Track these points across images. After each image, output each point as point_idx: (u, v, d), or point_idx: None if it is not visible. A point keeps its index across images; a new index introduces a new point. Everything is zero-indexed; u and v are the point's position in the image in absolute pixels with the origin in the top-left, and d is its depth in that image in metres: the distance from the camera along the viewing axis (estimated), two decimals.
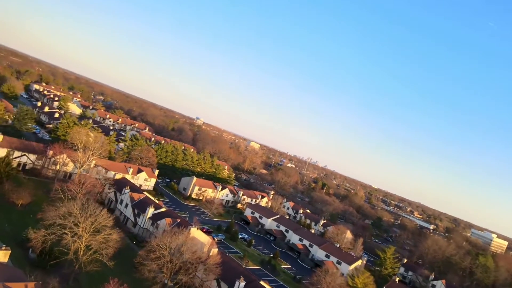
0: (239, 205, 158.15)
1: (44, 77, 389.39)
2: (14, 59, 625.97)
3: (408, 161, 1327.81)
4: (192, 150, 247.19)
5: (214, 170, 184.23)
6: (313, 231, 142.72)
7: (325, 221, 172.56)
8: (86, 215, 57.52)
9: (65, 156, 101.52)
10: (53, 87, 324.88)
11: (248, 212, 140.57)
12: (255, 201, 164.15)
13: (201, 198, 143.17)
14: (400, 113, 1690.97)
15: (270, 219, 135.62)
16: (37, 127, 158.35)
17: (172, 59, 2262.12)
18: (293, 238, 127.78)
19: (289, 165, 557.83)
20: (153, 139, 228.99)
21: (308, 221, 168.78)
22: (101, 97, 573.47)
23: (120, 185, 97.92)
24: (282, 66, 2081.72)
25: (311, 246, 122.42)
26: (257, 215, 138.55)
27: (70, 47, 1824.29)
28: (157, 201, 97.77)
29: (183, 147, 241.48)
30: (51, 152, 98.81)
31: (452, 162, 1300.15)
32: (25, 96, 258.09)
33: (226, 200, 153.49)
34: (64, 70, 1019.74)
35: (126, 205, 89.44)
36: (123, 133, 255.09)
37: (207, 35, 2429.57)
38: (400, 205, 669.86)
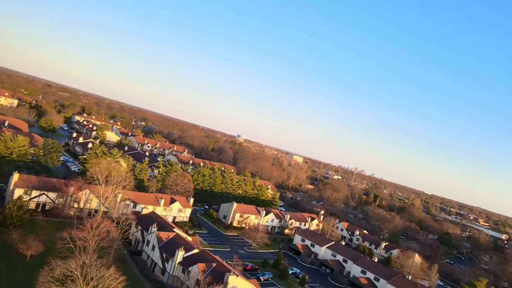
0: (286, 231, 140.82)
1: (87, 108, 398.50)
2: (63, 94, 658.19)
3: (461, 161, 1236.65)
4: (232, 170, 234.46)
5: (257, 192, 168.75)
6: (375, 259, 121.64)
7: (386, 243, 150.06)
8: (87, 278, 43.76)
9: (87, 191, 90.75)
10: (93, 117, 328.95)
11: (297, 240, 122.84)
12: (304, 224, 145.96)
13: (243, 226, 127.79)
14: (456, 113, 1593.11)
15: (324, 247, 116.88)
16: (70, 159, 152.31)
17: (213, 80, 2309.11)
18: (354, 269, 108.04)
19: (335, 177, 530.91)
20: (191, 161, 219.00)
21: (367, 245, 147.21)
22: (143, 123, 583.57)
23: (147, 221, 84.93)
24: (312, 79, 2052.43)
25: (376, 279, 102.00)
26: (308, 242, 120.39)
27: (116, 79, 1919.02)
28: (190, 238, 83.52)
29: (223, 168, 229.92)
30: (71, 189, 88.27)
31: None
32: (66, 128, 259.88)
33: (272, 226, 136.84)
34: (110, 101, 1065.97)
35: (153, 247, 75.77)
36: (162, 157, 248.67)
37: (238, 52, 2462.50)
38: (462, 212, 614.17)
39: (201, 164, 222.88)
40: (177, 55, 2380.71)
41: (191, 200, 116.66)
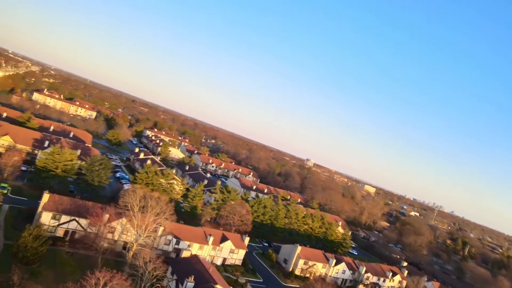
0: (360, 286, 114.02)
1: (159, 123, 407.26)
2: (143, 109, 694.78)
3: None
4: (298, 200, 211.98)
5: (325, 230, 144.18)
6: None
7: None
8: None
9: (124, 221, 76.13)
10: (163, 133, 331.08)
11: None
12: (384, 281, 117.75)
13: (307, 275, 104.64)
14: None
15: None
16: (127, 176, 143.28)
17: (286, 101, 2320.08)
18: None
19: (412, 213, 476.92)
20: (254, 186, 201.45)
21: None
22: (213, 141, 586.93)
23: (185, 269, 67.00)
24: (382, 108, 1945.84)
25: None
26: None
27: (191, 96, 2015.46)
28: None
29: (288, 197, 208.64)
30: (106, 216, 74.20)
31: None
32: (134, 142, 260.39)
33: (343, 279, 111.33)
34: (186, 117, 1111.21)
35: None
36: (224, 179, 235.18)
37: (314, 78, 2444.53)
38: None
39: (265, 190, 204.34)
40: (255, 79, 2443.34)
41: (247, 240, 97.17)
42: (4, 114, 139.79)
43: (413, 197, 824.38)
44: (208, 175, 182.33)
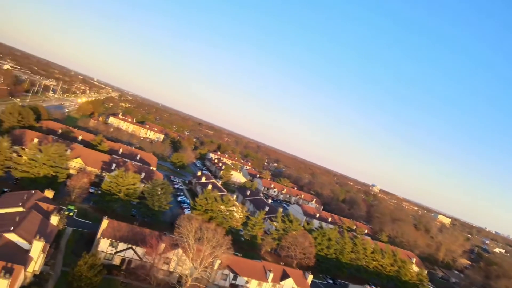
0: None
1: (223, 146, 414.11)
2: (209, 132, 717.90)
3: None
4: (365, 231, 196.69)
5: (397, 269, 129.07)
6: None
7: None
8: None
9: (180, 252, 72.45)
10: (226, 156, 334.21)
11: None
12: None
13: None
14: None
15: None
16: (188, 200, 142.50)
17: (347, 124, 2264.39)
18: None
19: (497, 250, 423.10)
20: (317, 214, 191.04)
21: None
22: (275, 164, 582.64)
23: None
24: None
25: None
26: None
27: (257, 119, 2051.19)
28: None
29: (354, 227, 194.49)
30: (162, 246, 71.15)
31: None
32: (198, 165, 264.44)
33: None
34: (249, 140, 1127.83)
35: None
36: (286, 205, 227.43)
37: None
38: None
39: (329, 218, 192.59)
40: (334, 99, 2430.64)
41: (310, 278, 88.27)
42: (80, 137, 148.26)
43: (495, 230, 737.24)
44: (270, 201, 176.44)
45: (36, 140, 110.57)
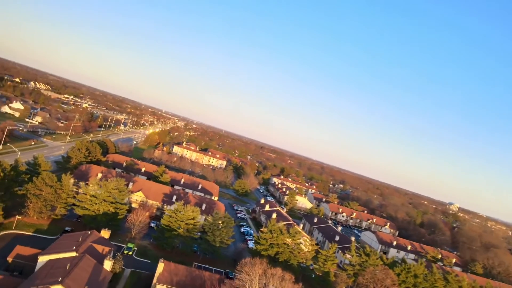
0: None
1: (286, 169, 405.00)
2: (271, 155, 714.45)
3: None
4: (453, 260, 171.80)
5: None
6: None
7: None
8: None
9: None
10: (290, 180, 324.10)
11: None
12: None
13: None
14: None
15: None
16: (252, 231, 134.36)
17: (417, 139, 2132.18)
18: None
19: None
20: (395, 242, 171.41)
21: None
22: (341, 185, 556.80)
23: None
24: None
25: None
26: None
27: (316, 139, 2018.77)
28: None
29: (439, 256, 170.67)
30: None
31: None
32: (261, 191, 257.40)
33: None
34: (312, 161, 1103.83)
35: None
36: (358, 232, 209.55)
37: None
38: None
39: (408, 247, 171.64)
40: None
41: None
42: (143, 169, 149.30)
43: None
44: (339, 228, 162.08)
45: (99, 175, 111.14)
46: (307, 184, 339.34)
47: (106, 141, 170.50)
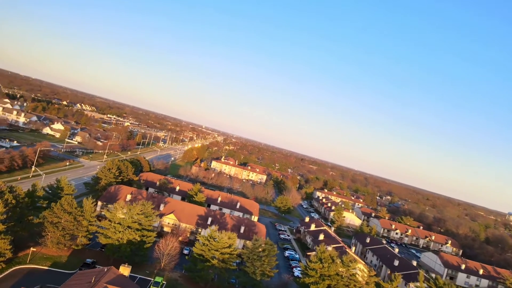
0: None
1: (329, 182, 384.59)
2: (312, 167, 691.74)
3: None
4: None
5: None
6: None
7: None
8: None
9: None
10: (334, 193, 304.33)
11: None
12: None
13: None
14: None
15: None
16: (297, 256, 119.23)
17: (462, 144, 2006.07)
18: None
19: None
20: (463, 266, 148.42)
21: None
22: (388, 197, 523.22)
23: None
24: None
25: None
26: None
27: (357, 147, 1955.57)
28: None
29: None
30: None
31: None
32: (305, 206, 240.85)
33: None
34: (355, 172, 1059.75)
35: None
36: (416, 252, 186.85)
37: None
38: None
39: (480, 271, 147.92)
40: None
41: None
42: (177, 188, 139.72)
43: None
44: (396, 250, 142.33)
45: (128, 196, 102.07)
46: (353, 198, 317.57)
47: (140, 159, 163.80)
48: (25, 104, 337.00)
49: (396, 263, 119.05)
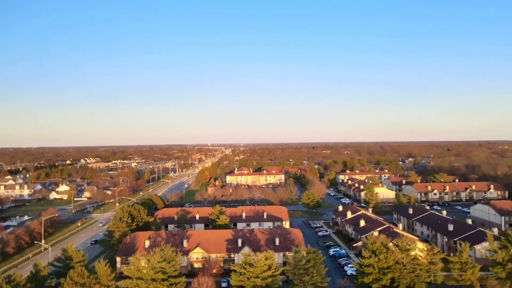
0: None
1: (348, 163, 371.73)
2: (326, 152, 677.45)
3: None
4: None
5: None
6: None
7: None
8: None
9: None
10: (357, 172, 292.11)
11: None
12: None
13: None
14: None
15: None
16: (343, 251, 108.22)
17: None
18: None
19: None
20: None
21: None
22: (411, 159, 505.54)
23: None
24: None
25: None
26: None
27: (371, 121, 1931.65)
28: None
29: None
30: None
31: None
32: (332, 194, 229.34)
33: None
34: (369, 144, 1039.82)
35: None
36: (462, 208, 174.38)
37: None
38: None
39: None
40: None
41: None
42: (197, 216, 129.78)
43: None
44: (444, 212, 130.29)
45: (147, 243, 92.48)
46: (377, 171, 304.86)
47: (151, 197, 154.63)
48: (27, 175, 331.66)
49: (451, 227, 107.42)
